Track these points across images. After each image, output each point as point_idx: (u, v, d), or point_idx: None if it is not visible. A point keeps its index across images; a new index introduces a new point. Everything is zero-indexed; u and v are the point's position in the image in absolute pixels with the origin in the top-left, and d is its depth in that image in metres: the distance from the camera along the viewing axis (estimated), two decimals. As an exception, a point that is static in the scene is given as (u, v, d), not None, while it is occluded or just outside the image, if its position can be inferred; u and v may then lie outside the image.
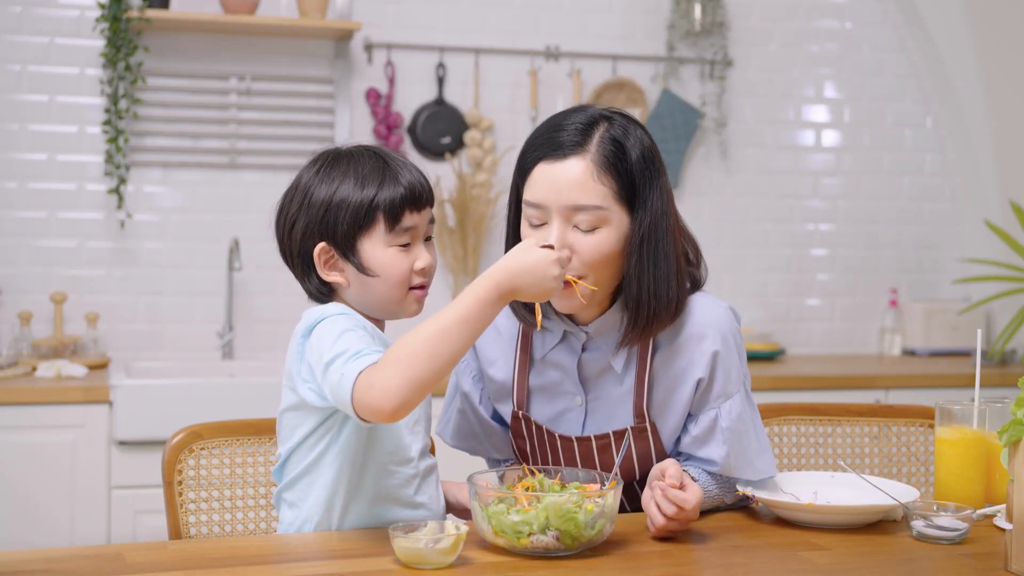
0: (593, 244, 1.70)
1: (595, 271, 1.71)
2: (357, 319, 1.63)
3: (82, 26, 3.67)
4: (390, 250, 1.67)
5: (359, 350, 1.52)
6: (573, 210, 1.69)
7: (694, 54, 4.14)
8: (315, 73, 3.85)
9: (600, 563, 1.54)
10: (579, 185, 1.69)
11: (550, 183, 1.70)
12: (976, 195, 4.26)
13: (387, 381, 1.45)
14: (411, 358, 1.46)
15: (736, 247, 4.22)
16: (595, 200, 1.69)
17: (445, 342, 1.48)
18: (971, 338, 4.14)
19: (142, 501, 3.17)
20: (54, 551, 1.57)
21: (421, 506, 1.72)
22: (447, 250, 3.88)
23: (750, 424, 1.83)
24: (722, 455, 1.80)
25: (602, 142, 1.70)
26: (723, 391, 1.80)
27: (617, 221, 1.71)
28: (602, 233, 1.70)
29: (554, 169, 1.70)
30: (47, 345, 3.49)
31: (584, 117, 1.73)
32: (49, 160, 3.66)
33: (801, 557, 1.59)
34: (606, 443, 1.82)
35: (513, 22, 4.01)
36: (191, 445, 1.90)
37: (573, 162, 1.70)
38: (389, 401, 1.45)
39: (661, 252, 1.73)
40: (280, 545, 1.61)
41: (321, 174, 1.68)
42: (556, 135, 1.72)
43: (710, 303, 1.83)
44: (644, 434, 1.81)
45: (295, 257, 1.70)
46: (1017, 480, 1.49)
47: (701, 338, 1.79)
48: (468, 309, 1.50)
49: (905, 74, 4.35)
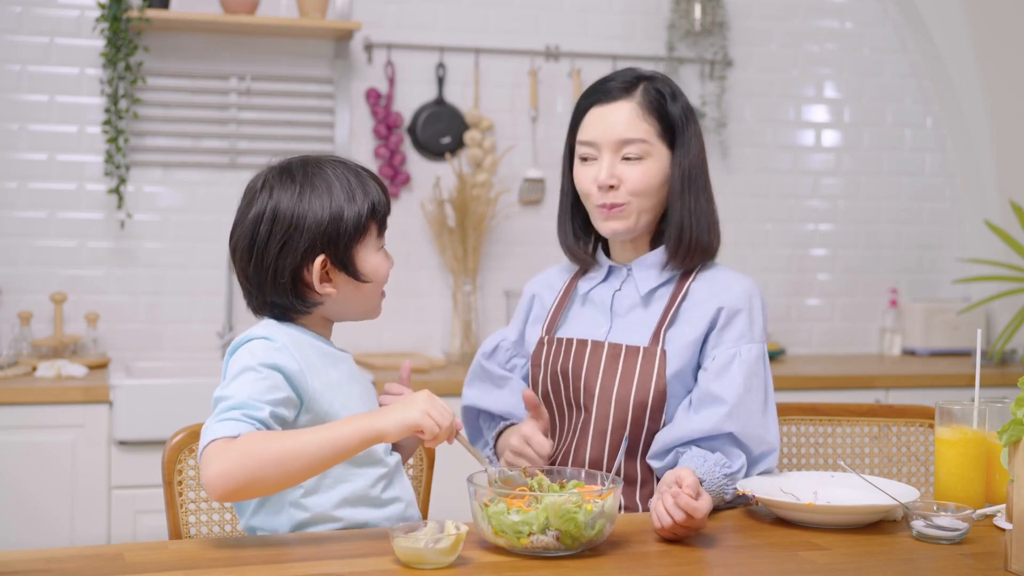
0: (639, 173, 1.93)
1: (638, 198, 1.94)
2: (275, 350, 1.64)
3: (82, 26, 3.67)
4: (378, 254, 1.74)
5: (240, 404, 1.57)
6: (621, 143, 1.93)
7: (694, 54, 4.14)
8: (315, 73, 3.86)
9: (600, 563, 1.54)
10: (626, 122, 1.93)
11: (601, 121, 1.95)
12: (976, 195, 4.26)
13: (228, 467, 1.51)
14: (260, 460, 1.52)
15: (736, 247, 4.22)
16: (640, 134, 1.93)
17: (298, 461, 1.54)
18: (971, 338, 4.14)
19: (142, 501, 3.17)
20: (54, 551, 1.57)
21: (394, 501, 1.74)
22: (447, 250, 3.88)
23: (764, 377, 1.91)
24: (734, 387, 1.85)
25: (647, 91, 1.96)
26: (745, 334, 1.91)
27: (659, 156, 1.95)
28: (647, 163, 1.94)
29: (605, 110, 1.95)
30: (47, 345, 3.49)
31: (631, 73, 1.99)
32: (49, 160, 3.66)
33: (801, 557, 1.59)
34: (615, 354, 1.93)
35: (513, 22, 4.01)
36: (191, 445, 1.90)
37: (621, 103, 1.95)
38: (219, 487, 1.52)
39: (699, 190, 1.97)
40: (280, 545, 1.61)
41: (299, 193, 1.68)
42: (606, 85, 1.97)
43: (744, 275, 2.00)
44: (652, 358, 1.90)
45: (280, 278, 1.68)
46: (1017, 480, 1.49)
47: (729, 288, 1.96)
48: (333, 444, 1.56)
49: (905, 74, 4.35)
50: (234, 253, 1.73)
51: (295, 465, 1.54)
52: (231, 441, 1.53)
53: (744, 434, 1.85)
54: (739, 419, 1.84)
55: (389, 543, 1.54)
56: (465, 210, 3.85)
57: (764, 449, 1.88)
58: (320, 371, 1.69)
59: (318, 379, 1.67)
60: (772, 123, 4.26)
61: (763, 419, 1.88)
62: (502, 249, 3.99)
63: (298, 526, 1.69)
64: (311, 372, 1.66)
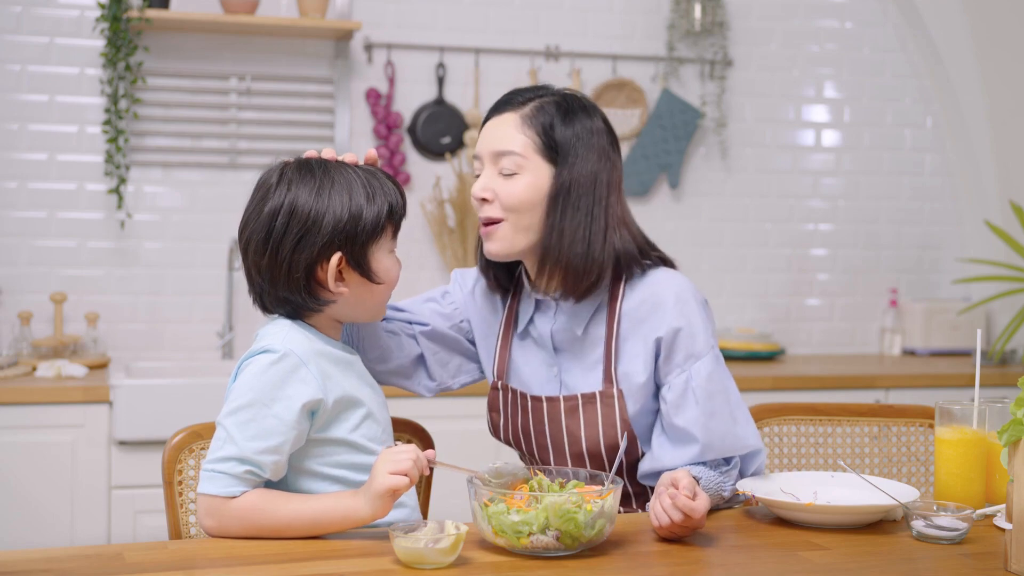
0: (511, 187, 1.83)
1: (514, 215, 1.83)
2: (289, 371, 1.65)
3: (82, 26, 3.67)
4: (391, 256, 1.75)
5: (240, 456, 1.61)
6: (497, 155, 1.84)
7: (694, 54, 4.14)
8: (315, 73, 3.86)
9: (600, 563, 1.54)
10: (503, 134, 1.84)
11: (485, 134, 1.88)
12: (976, 195, 4.26)
13: (224, 529, 1.63)
14: (256, 527, 1.62)
15: (736, 247, 4.22)
16: (515, 147, 1.83)
17: (292, 531, 1.63)
18: (971, 338, 4.15)
19: (142, 501, 3.17)
20: (54, 551, 1.57)
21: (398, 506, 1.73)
22: (447, 250, 3.88)
23: (722, 388, 1.85)
24: (697, 418, 1.81)
25: (538, 103, 1.86)
26: (691, 352, 1.84)
27: (536, 171, 1.83)
28: (520, 179, 1.83)
29: (489, 123, 1.88)
30: (47, 345, 3.49)
31: (536, 89, 1.89)
32: (49, 160, 3.66)
33: (801, 557, 1.59)
34: (573, 405, 1.87)
35: (513, 22, 4.01)
36: (191, 445, 1.90)
37: (506, 115, 1.86)
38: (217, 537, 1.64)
39: (582, 208, 1.83)
40: (280, 545, 1.61)
41: (318, 189, 1.67)
42: (505, 97, 1.89)
43: (673, 274, 1.90)
44: (611, 401, 1.86)
45: (294, 273, 1.68)
46: (1017, 480, 1.49)
47: (662, 301, 1.86)
48: (326, 517, 1.62)
49: (905, 74, 4.35)
50: (246, 248, 1.71)
51: (286, 535, 1.63)
52: (227, 502, 1.61)
53: (724, 450, 1.84)
54: (713, 448, 1.83)
55: (389, 543, 1.54)
56: (465, 210, 3.85)
57: (748, 452, 1.88)
58: (336, 381, 1.69)
59: (333, 392, 1.68)
60: (772, 123, 4.26)
61: (735, 430, 1.84)
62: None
63: None
64: (328, 386, 1.67)
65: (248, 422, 1.62)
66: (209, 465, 1.64)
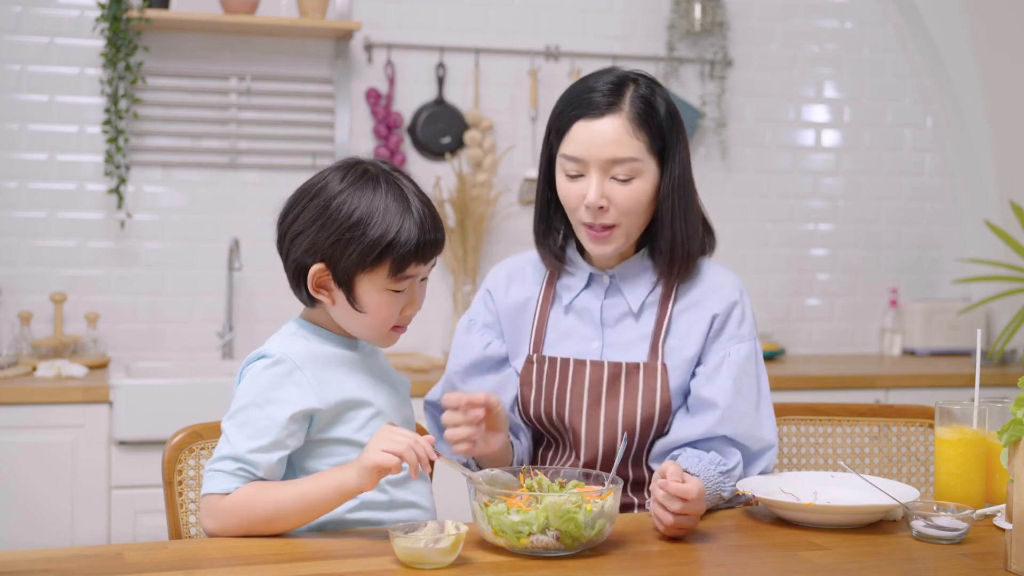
0: (630, 193, 1.84)
1: (629, 218, 1.86)
2: (282, 376, 1.65)
3: (82, 26, 3.67)
4: (385, 294, 1.67)
5: (235, 455, 1.63)
6: (611, 163, 1.83)
7: (694, 54, 4.14)
8: (315, 73, 3.86)
9: (600, 563, 1.54)
10: (616, 140, 1.82)
11: (588, 139, 1.83)
12: (976, 195, 4.26)
13: (221, 527, 1.63)
14: (250, 520, 1.62)
15: (736, 247, 4.22)
16: (631, 153, 1.83)
17: (285, 515, 1.63)
18: (971, 338, 4.14)
19: (142, 501, 3.17)
20: (54, 551, 1.57)
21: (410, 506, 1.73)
22: (447, 250, 3.88)
23: (755, 374, 1.89)
24: (725, 389, 1.84)
25: (633, 101, 1.84)
26: (736, 334, 1.90)
27: (649, 172, 1.86)
28: (637, 183, 1.85)
29: (592, 126, 1.83)
30: (47, 345, 3.49)
31: (613, 78, 1.88)
32: (49, 160, 3.66)
33: (801, 557, 1.59)
34: (616, 373, 1.88)
35: (513, 22, 4.01)
36: (191, 445, 1.90)
37: (609, 120, 1.83)
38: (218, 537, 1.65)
39: (689, 199, 1.90)
40: (280, 545, 1.61)
41: (344, 195, 1.64)
42: (590, 96, 1.85)
43: (727, 270, 1.98)
44: (654, 373, 1.87)
45: (289, 261, 1.69)
46: (1017, 480, 1.49)
47: (720, 287, 1.93)
48: (313, 504, 1.62)
49: (905, 74, 4.35)
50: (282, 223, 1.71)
51: (282, 523, 1.63)
52: (222, 499, 1.62)
53: (739, 434, 1.85)
54: (732, 421, 1.85)
55: (389, 543, 1.54)
56: (465, 210, 3.85)
57: (761, 446, 1.88)
58: (336, 384, 1.69)
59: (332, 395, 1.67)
60: (772, 123, 4.26)
61: (756, 417, 1.88)
62: (502, 249, 3.98)
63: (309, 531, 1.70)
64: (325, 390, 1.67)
65: (244, 424, 1.64)
66: (208, 467, 1.66)
